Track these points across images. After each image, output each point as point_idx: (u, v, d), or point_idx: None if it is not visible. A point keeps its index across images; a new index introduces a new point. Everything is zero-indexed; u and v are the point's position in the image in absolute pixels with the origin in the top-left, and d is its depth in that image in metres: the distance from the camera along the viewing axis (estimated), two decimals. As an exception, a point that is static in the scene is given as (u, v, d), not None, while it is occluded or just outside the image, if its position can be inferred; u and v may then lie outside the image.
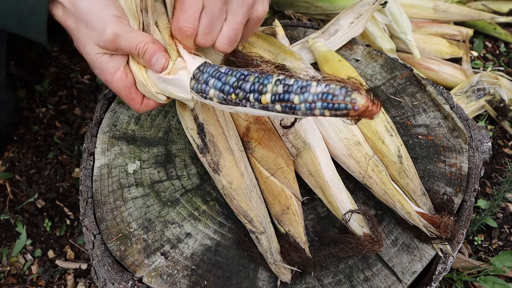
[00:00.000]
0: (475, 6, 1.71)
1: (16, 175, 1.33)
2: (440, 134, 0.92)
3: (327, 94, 0.54)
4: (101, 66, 0.70)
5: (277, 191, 0.78)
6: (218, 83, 0.64)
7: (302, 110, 0.57)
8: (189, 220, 0.80)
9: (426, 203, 0.80)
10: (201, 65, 0.68)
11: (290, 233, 0.76)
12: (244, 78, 0.62)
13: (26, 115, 1.45)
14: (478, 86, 1.46)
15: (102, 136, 0.89)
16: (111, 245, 0.76)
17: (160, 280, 0.73)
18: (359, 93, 0.53)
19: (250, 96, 0.61)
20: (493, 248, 1.24)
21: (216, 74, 0.65)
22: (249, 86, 0.61)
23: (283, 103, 0.58)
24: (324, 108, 0.55)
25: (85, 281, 1.17)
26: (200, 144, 0.81)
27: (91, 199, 0.81)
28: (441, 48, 1.59)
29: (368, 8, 1.04)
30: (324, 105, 0.55)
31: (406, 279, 0.76)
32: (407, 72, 1.02)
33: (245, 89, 0.61)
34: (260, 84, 0.60)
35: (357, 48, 1.06)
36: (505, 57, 1.69)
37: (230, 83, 0.63)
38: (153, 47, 0.68)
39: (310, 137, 0.83)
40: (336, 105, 0.54)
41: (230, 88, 0.63)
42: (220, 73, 0.65)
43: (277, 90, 0.58)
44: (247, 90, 0.61)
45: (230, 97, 0.63)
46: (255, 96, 0.61)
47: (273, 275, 0.75)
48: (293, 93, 0.57)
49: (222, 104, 0.65)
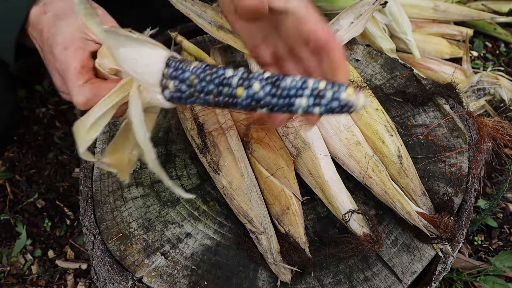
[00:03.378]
0: (475, 6, 1.71)
1: (16, 175, 1.32)
2: (440, 134, 0.92)
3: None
4: (70, 36, 0.65)
5: (277, 191, 0.78)
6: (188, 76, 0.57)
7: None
8: (189, 220, 0.80)
9: (426, 203, 0.80)
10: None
11: (290, 233, 0.76)
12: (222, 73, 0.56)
13: (26, 115, 1.45)
14: (478, 86, 1.46)
15: (102, 136, 0.89)
16: (111, 245, 0.76)
17: (160, 280, 0.73)
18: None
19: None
20: (493, 248, 1.24)
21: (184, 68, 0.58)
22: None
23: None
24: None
25: (85, 281, 1.17)
26: (200, 144, 0.81)
27: (91, 199, 0.81)
28: (441, 48, 1.59)
29: (368, 8, 1.04)
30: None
31: (406, 279, 0.76)
32: (407, 72, 1.02)
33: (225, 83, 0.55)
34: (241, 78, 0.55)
35: (357, 48, 1.06)
36: (505, 57, 1.69)
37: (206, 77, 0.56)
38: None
39: (310, 137, 0.83)
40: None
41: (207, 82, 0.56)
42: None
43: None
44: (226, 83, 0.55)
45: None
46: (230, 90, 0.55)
47: (273, 275, 0.75)
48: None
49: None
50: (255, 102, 0.54)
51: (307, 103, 0.52)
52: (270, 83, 0.53)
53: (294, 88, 0.52)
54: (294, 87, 0.52)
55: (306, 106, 0.52)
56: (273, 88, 0.53)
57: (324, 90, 0.51)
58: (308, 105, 0.52)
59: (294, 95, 0.52)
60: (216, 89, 0.55)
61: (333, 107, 0.51)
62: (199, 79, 0.56)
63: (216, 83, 0.55)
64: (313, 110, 0.52)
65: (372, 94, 0.89)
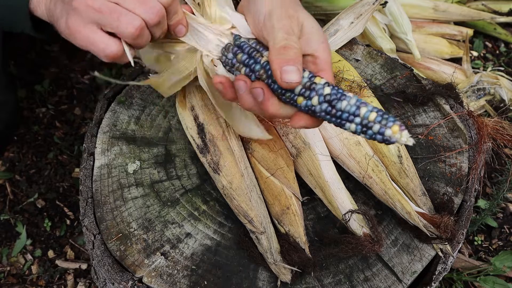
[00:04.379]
0: (475, 6, 1.71)
1: (16, 175, 1.32)
2: (440, 134, 0.92)
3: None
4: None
5: (277, 191, 0.78)
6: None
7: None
8: (189, 220, 0.80)
9: (426, 203, 0.80)
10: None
11: (290, 233, 0.76)
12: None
13: (26, 115, 1.45)
14: (478, 86, 1.46)
15: (102, 136, 0.89)
16: (111, 245, 0.76)
17: (160, 280, 0.73)
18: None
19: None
20: (493, 248, 1.24)
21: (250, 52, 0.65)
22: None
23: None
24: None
25: (85, 281, 1.17)
26: (200, 144, 0.81)
27: (91, 199, 0.81)
28: (441, 48, 1.59)
29: (368, 8, 1.04)
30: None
31: (406, 279, 0.76)
32: (407, 72, 1.02)
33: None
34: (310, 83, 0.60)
35: (357, 48, 1.06)
36: (505, 57, 1.69)
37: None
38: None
39: (310, 137, 0.83)
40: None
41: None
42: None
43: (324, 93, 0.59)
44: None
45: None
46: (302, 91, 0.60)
47: (273, 275, 0.75)
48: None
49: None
50: (312, 112, 0.60)
51: (355, 129, 0.57)
52: (327, 101, 0.58)
53: (347, 113, 0.57)
54: (347, 112, 0.57)
55: (355, 131, 0.57)
56: (328, 107, 0.58)
57: (372, 123, 0.55)
58: (356, 131, 0.57)
59: (346, 119, 0.57)
60: (280, 90, 0.61)
61: (377, 138, 0.55)
62: (267, 75, 0.62)
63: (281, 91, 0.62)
64: (360, 135, 0.57)
65: (372, 94, 0.89)
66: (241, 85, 0.63)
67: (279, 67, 0.58)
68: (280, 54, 0.59)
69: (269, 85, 0.62)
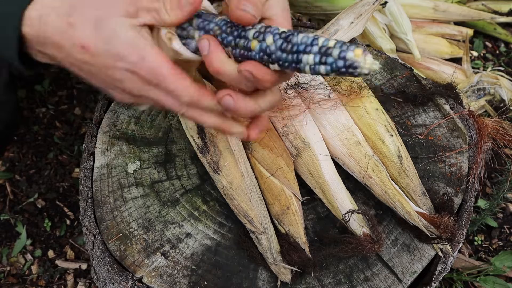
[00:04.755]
0: (475, 6, 1.71)
1: (16, 175, 1.33)
2: (440, 134, 0.92)
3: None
4: (131, 41, 0.57)
5: (277, 191, 0.78)
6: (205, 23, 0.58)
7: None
8: (189, 220, 0.80)
9: (426, 203, 0.81)
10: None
11: (290, 233, 0.76)
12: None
13: (26, 115, 1.45)
14: (478, 86, 1.46)
15: (102, 136, 0.89)
16: (111, 245, 0.76)
17: (160, 280, 0.73)
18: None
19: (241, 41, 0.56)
20: (493, 248, 1.24)
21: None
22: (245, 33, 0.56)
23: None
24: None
25: (85, 281, 1.17)
26: (200, 144, 0.81)
27: (91, 199, 0.81)
28: (441, 48, 1.59)
29: (368, 8, 1.04)
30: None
31: (406, 279, 0.76)
32: (407, 72, 1.02)
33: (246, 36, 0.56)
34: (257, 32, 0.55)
35: (357, 48, 1.06)
36: (505, 57, 1.69)
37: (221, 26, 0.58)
38: None
39: (310, 137, 0.83)
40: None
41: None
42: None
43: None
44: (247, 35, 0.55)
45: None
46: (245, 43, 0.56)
47: (273, 275, 0.75)
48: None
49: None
50: (267, 56, 0.55)
51: (314, 61, 0.52)
52: (282, 37, 0.53)
53: (304, 44, 0.52)
54: (303, 43, 0.52)
55: (313, 63, 0.52)
56: (284, 43, 0.53)
57: (332, 48, 0.51)
58: (315, 63, 0.52)
59: (302, 51, 0.52)
60: (233, 41, 0.57)
61: (339, 66, 0.50)
62: (221, 30, 0.58)
63: (235, 35, 0.57)
64: (319, 68, 0.52)
65: (372, 94, 0.89)
66: (204, 44, 0.58)
67: (239, 2, 0.55)
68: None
69: (222, 40, 0.57)
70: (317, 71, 0.52)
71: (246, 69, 0.56)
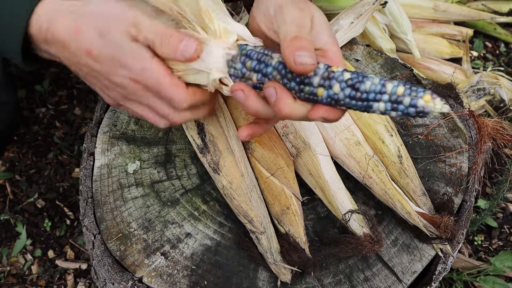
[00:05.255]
0: (475, 6, 1.71)
1: (16, 175, 1.33)
2: (440, 134, 0.92)
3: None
4: (134, 51, 0.60)
5: (277, 191, 0.78)
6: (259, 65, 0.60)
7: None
8: (189, 220, 0.80)
9: (426, 203, 0.81)
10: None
11: (290, 233, 0.76)
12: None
13: (26, 115, 1.45)
14: (478, 86, 1.46)
15: (102, 136, 0.89)
16: (111, 245, 0.76)
17: (160, 280, 0.73)
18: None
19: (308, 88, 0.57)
20: (493, 248, 1.24)
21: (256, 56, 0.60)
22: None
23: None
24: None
25: (85, 281, 1.17)
26: (200, 144, 0.81)
27: (91, 199, 0.81)
28: (441, 48, 1.59)
29: (368, 8, 1.04)
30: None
31: (406, 279, 0.76)
32: (407, 72, 1.02)
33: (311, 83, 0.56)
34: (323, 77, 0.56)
35: (357, 48, 1.06)
36: (505, 57, 1.69)
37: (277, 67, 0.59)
38: (181, 33, 0.60)
39: (310, 137, 0.83)
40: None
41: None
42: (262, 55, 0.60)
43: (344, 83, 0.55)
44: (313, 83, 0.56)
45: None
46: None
47: (273, 275, 0.75)
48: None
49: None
50: (335, 102, 0.56)
51: (385, 108, 0.53)
52: (349, 85, 0.55)
53: (373, 93, 0.54)
54: (373, 91, 0.54)
55: (384, 110, 0.54)
56: (352, 91, 0.55)
57: (402, 96, 0.52)
58: (386, 109, 0.53)
59: (373, 99, 0.54)
60: (297, 87, 0.57)
61: (410, 112, 0.52)
62: (281, 75, 0.58)
63: (298, 81, 0.57)
64: (390, 113, 0.54)
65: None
66: (239, 95, 0.60)
67: (292, 53, 0.56)
68: (292, 43, 0.57)
69: (285, 85, 0.58)
70: (388, 114, 0.54)
71: (319, 116, 0.58)
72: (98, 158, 0.86)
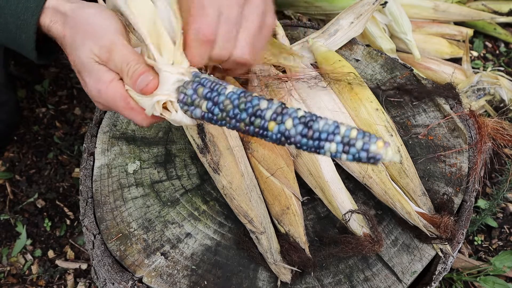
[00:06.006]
0: (475, 6, 1.71)
1: (16, 175, 1.33)
2: (440, 134, 0.92)
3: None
4: (96, 73, 0.65)
5: (277, 191, 0.78)
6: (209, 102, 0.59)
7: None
8: (189, 220, 0.80)
9: (426, 203, 0.81)
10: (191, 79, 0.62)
11: (290, 233, 0.76)
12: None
13: (26, 115, 1.45)
14: (478, 86, 1.46)
15: (102, 136, 0.89)
16: (111, 245, 0.76)
17: (160, 280, 0.73)
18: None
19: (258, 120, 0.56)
20: (493, 248, 1.24)
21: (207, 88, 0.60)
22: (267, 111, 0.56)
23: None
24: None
25: (85, 281, 1.17)
26: (200, 144, 0.81)
27: (91, 199, 0.81)
28: (441, 48, 1.59)
29: (368, 8, 1.04)
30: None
31: (406, 279, 0.76)
32: (407, 72, 1.02)
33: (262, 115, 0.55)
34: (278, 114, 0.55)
35: (357, 48, 1.06)
36: (505, 57, 1.69)
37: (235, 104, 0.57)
38: (143, 67, 0.63)
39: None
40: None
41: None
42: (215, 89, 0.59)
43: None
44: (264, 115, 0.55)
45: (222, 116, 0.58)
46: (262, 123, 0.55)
47: (273, 275, 0.75)
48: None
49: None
50: (285, 138, 0.55)
51: (336, 149, 0.52)
52: (302, 122, 0.54)
53: (326, 132, 0.52)
54: (326, 131, 0.52)
55: (335, 152, 0.52)
56: (304, 129, 0.53)
57: (354, 140, 0.51)
58: (337, 151, 0.52)
59: (325, 139, 0.52)
60: (248, 119, 0.56)
61: (361, 157, 0.51)
62: (233, 105, 0.57)
63: (250, 113, 0.56)
64: (341, 156, 0.52)
65: (384, 111, 0.89)
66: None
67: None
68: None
69: (235, 116, 0.57)
70: (338, 158, 0.53)
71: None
72: (98, 158, 0.86)
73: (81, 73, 0.66)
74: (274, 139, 0.55)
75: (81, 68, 0.66)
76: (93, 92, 0.66)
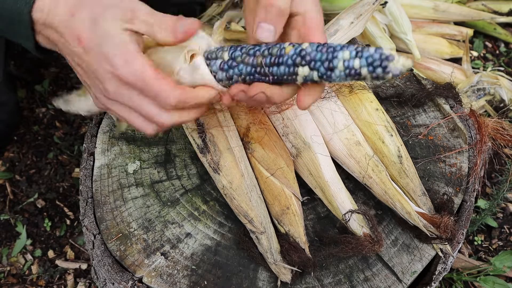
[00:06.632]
0: (475, 6, 1.71)
1: (16, 175, 1.33)
2: (440, 134, 0.92)
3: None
4: (123, 43, 0.59)
5: (277, 191, 0.78)
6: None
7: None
8: (189, 220, 0.80)
9: (426, 203, 0.81)
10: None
11: (290, 233, 0.76)
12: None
13: (26, 115, 1.45)
14: (478, 86, 1.46)
15: (102, 136, 0.89)
16: (111, 245, 0.76)
17: (160, 280, 0.73)
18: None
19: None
20: (493, 248, 1.24)
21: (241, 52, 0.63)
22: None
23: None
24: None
25: (85, 281, 1.17)
26: (200, 144, 0.81)
27: (91, 199, 0.81)
28: (441, 48, 1.59)
29: (368, 8, 1.04)
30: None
31: (406, 279, 0.76)
32: (407, 72, 1.02)
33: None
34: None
35: (357, 48, 1.06)
36: (505, 57, 1.69)
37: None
38: (174, 17, 0.61)
39: (310, 137, 0.83)
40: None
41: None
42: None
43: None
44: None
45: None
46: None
47: (273, 275, 0.75)
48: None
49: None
50: (300, 58, 0.57)
51: (350, 55, 0.54)
52: (318, 45, 0.57)
53: (340, 46, 0.56)
54: (340, 45, 0.56)
55: (348, 58, 0.54)
56: (320, 46, 0.57)
57: (367, 48, 0.54)
58: (350, 56, 0.54)
59: (339, 49, 0.55)
60: (266, 50, 0.60)
61: (375, 59, 0.52)
62: (253, 46, 0.62)
63: (268, 46, 0.61)
64: (353, 63, 0.54)
65: (372, 95, 0.89)
66: (241, 96, 0.63)
67: (256, 22, 0.61)
68: (262, 10, 0.61)
69: (255, 52, 0.61)
70: (351, 67, 0.54)
71: (309, 99, 0.61)
72: (98, 158, 0.86)
73: (101, 46, 0.59)
74: (288, 64, 0.58)
75: (102, 40, 0.59)
76: (119, 63, 0.59)
